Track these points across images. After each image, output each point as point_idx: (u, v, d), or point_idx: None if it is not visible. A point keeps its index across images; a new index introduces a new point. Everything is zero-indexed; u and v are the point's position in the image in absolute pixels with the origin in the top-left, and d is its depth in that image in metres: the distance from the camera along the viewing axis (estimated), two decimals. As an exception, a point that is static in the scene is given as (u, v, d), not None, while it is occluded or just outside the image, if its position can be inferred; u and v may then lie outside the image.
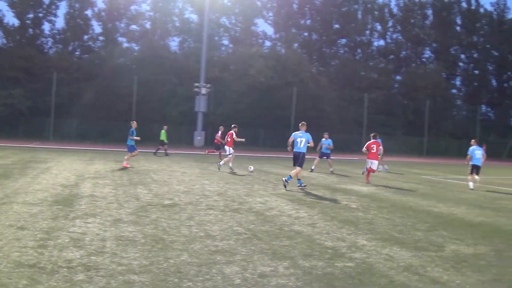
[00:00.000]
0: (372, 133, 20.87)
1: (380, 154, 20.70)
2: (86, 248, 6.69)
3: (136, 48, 59.89)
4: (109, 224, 8.44)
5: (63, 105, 47.47)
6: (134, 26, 61.68)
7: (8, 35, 55.39)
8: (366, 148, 19.81)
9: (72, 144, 38.30)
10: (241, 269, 6.06)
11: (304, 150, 15.90)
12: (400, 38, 76.17)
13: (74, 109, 47.39)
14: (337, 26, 71.90)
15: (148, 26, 62.03)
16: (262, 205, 11.61)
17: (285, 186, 15.43)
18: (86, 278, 5.39)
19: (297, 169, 15.83)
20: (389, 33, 76.57)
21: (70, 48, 59.25)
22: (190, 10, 63.39)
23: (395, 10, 76.40)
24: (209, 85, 47.41)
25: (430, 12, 78.17)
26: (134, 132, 21.29)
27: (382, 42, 76.42)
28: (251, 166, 21.86)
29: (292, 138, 16.01)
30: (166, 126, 32.34)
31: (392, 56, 75.37)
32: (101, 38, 59.96)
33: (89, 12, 59.27)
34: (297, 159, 15.95)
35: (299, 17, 71.18)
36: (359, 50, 75.04)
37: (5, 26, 55.04)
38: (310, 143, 16.09)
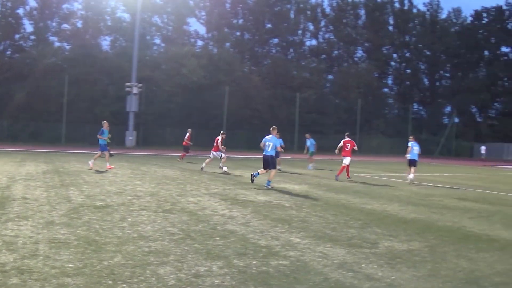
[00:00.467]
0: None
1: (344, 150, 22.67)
2: (19, 251, 6.79)
3: (67, 47, 60.94)
4: (41, 226, 8.54)
5: (-6, 105, 48.57)
6: (66, 25, 62.64)
7: None
8: (339, 148, 22.42)
9: (2, 145, 37.97)
10: (175, 269, 6.22)
11: (272, 153, 17.26)
12: (332, 37, 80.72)
13: (5, 109, 48.24)
14: (269, 25, 75.63)
15: (79, 25, 63.05)
16: (195, 205, 11.88)
17: (271, 187, 16.66)
18: (20, 282, 5.49)
19: (272, 171, 17.12)
20: (321, 32, 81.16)
21: (1, 47, 59.65)
22: (122, 9, 64.91)
23: (328, 10, 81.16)
24: (140, 84, 48.93)
25: (362, 12, 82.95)
26: (105, 132, 22.08)
27: (314, 42, 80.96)
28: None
29: (263, 142, 17.42)
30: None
31: (324, 55, 79.63)
32: (32, 37, 60.50)
33: (20, 10, 59.73)
34: (266, 162, 17.24)
35: (232, 16, 74.27)
36: (291, 50, 79.14)
37: None
38: (278, 148, 17.83)
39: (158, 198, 12.80)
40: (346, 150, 22.11)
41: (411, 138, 22.71)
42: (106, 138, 22.28)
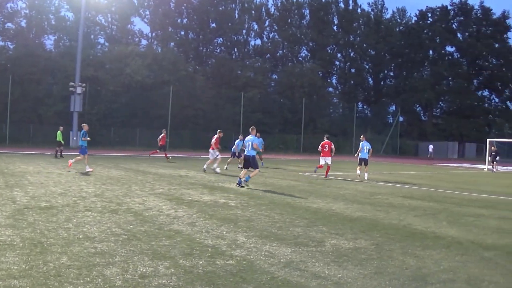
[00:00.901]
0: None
1: (332, 151, 24.41)
2: (-36, 254, 6.87)
3: (11, 46, 62.04)
4: (-15, 229, 8.68)
5: None
6: (9, 24, 63.88)
7: None
8: (320, 147, 24.26)
9: None
10: (121, 270, 6.31)
11: (253, 153, 18.49)
12: (277, 37, 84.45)
13: None
14: (213, 25, 78.54)
15: (23, 24, 64.34)
16: (140, 205, 12.15)
17: (246, 185, 17.89)
18: (-35, 286, 5.46)
19: (255, 171, 18.46)
20: (266, 32, 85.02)
21: None
22: (66, 8, 66.35)
23: (272, 10, 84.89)
24: (84, 84, 49.97)
25: (307, 11, 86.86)
26: (86, 133, 22.90)
27: (259, 41, 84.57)
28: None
29: (243, 143, 19.06)
30: (62, 127, 33.68)
31: (268, 55, 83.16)
32: (-25, 36, 61.73)
33: (-37, 9, 61.17)
34: (247, 162, 18.41)
35: (176, 15, 76.65)
36: (236, 49, 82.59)
37: None
38: (255, 146, 18.67)
39: (103, 198, 13.14)
40: (325, 151, 24.05)
41: (362, 137, 24.77)
42: (88, 138, 23.06)
